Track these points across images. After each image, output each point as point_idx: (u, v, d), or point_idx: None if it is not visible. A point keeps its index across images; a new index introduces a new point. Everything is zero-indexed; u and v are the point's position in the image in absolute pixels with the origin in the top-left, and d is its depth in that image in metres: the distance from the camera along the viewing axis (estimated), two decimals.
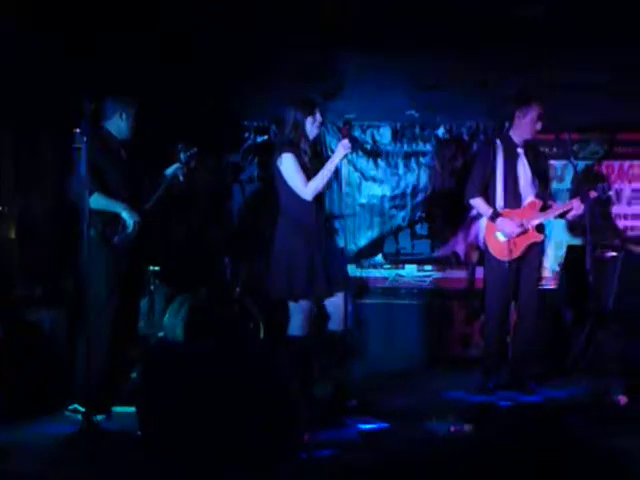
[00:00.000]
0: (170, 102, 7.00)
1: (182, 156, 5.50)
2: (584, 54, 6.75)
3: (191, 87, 7.04)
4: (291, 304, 5.37)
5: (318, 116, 5.44)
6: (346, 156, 5.28)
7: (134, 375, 5.69)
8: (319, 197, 5.44)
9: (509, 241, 5.81)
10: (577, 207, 5.78)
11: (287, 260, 5.30)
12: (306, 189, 5.31)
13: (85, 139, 4.65)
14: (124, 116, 5.35)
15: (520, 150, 5.95)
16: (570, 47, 6.64)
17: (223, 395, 4.21)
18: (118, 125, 5.36)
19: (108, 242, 5.15)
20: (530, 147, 6.02)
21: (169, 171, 5.48)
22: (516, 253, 5.83)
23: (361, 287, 7.64)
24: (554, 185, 7.40)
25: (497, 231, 5.87)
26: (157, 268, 6.57)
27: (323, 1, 5.79)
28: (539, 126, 5.90)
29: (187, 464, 4.09)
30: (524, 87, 6.50)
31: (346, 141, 5.26)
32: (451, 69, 7.09)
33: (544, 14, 5.85)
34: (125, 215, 5.18)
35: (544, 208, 5.92)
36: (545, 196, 6.03)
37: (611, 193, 6.44)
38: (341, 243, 7.32)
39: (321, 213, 5.49)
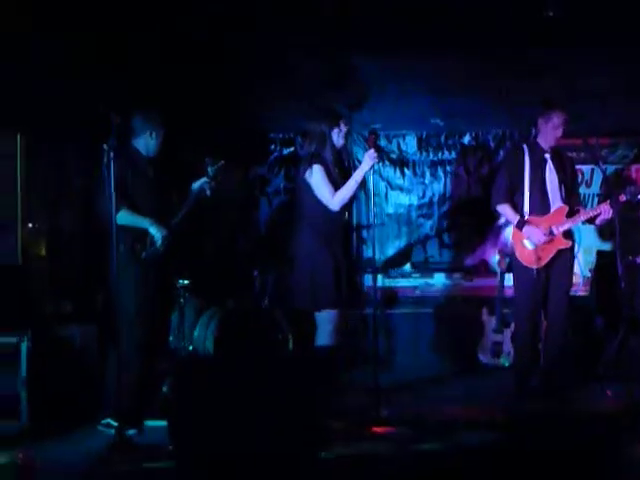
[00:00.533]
0: (196, 116, 7.03)
1: (209, 170, 5.48)
2: (610, 57, 6.71)
3: (217, 100, 7.07)
4: (318, 314, 5.39)
5: (343, 127, 5.45)
6: (373, 166, 5.29)
7: (165, 389, 5.70)
8: (345, 207, 5.45)
9: (537, 248, 5.77)
10: (606, 211, 5.71)
11: (312, 269, 5.33)
12: (333, 199, 5.33)
13: (112, 155, 4.66)
14: (154, 135, 5.35)
15: (547, 156, 5.91)
16: (596, 51, 6.61)
17: (254, 407, 4.21)
18: (147, 143, 5.35)
19: (137, 257, 5.18)
20: (557, 153, 5.98)
21: (196, 186, 5.46)
22: (544, 260, 5.79)
23: (390, 297, 7.62)
24: (582, 190, 7.33)
25: (524, 239, 5.83)
26: (187, 282, 6.58)
27: (344, 10, 5.82)
28: (560, 132, 5.85)
29: (219, 476, 4.10)
30: (548, 93, 6.45)
31: (372, 151, 5.27)
32: (475, 76, 7.08)
33: (570, 16, 5.84)
34: (153, 230, 5.19)
35: (572, 213, 5.88)
36: (573, 202, 5.98)
37: None
38: (369, 253, 7.31)
39: (345, 223, 5.51)
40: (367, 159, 5.27)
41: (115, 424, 4.83)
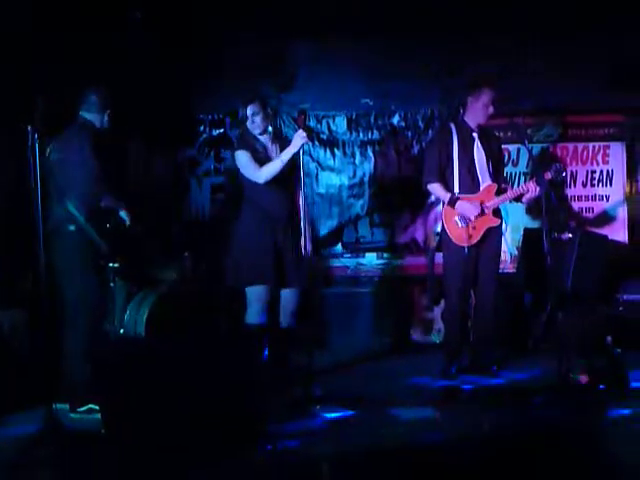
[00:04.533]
0: (124, 97, 6.94)
1: None
2: (541, 38, 6.84)
3: (146, 81, 6.99)
4: (247, 292, 5.46)
5: (254, 116, 5.49)
6: (302, 146, 5.32)
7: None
8: (287, 189, 5.53)
9: (468, 226, 5.84)
10: (533, 189, 5.81)
11: (245, 246, 5.50)
12: (259, 173, 5.45)
13: (37, 136, 4.59)
14: (108, 112, 5.39)
15: (475, 134, 5.98)
16: (521, 34, 6.72)
17: (187, 389, 4.20)
18: (102, 119, 5.37)
19: (86, 238, 5.15)
20: (484, 131, 6.05)
21: None
22: (475, 238, 5.86)
23: (322, 277, 7.64)
24: (509, 169, 7.45)
25: (457, 215, 5.89)
26: (116, 265, 6.50)
27: None
28: (491, 110, 5.94)
29: (152, 459, 4.08)
30: (477, 73, 6.53)
31: (301, 131, 5.30)
32: (405, 57, 7.13)
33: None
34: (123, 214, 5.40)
35: (500, 192, 5.97)
36: (500, 180, 6.08)
37: (564, 174, 6.48)
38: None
39: (288, 205, 5.59)
40: (297, 139, 5.30)
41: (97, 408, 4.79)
